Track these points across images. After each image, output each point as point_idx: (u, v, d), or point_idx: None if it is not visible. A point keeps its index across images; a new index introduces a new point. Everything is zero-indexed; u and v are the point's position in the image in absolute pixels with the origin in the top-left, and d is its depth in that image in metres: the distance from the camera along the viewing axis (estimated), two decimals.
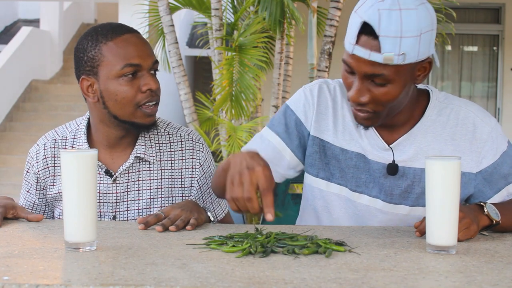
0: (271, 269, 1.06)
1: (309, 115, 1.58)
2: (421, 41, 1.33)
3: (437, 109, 1.52)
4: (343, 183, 1.55)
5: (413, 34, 1.32)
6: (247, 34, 4.25)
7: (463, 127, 1.51)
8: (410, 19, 1.31)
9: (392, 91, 1.38)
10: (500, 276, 1.04)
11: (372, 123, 1.47)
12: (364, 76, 1.38)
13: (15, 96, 10.12)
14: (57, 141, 1.69)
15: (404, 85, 1.39)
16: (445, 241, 1.21)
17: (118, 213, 1.64)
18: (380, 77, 1.36)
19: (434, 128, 1.51)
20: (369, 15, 1.33)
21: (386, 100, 1.40)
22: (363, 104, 1.41)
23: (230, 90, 4.26)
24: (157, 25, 4.96)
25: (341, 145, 1.55)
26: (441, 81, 8.92)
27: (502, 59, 8.62)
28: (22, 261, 1.10)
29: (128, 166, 1.62)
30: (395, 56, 1.33)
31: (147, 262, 1.09)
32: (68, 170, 1.20)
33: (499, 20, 8.67)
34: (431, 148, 1.50)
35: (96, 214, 1.24)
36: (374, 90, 1.39)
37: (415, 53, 1.34)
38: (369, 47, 1.34)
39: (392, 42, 1.32)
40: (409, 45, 1.32)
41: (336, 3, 4.31)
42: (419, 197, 1.52)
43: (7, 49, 10.20)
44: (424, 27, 1.33)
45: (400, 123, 1.51)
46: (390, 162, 1.51)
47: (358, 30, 1.34)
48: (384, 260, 1.14)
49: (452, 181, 1.23)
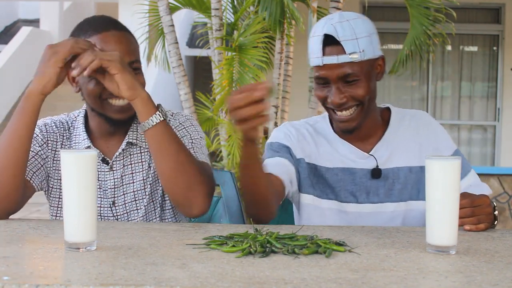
0: (271, 269, 1.06)
1: (293, 142, 1.75)
2: (372, 41, 1.62)
3: (398, 118, 1.77)
4: (333, 197, 1.72)
5: (365, 35, 1.60)
6: (247, 34, 4.25)
7: (423, 126, 1.75)
8: (358, 25, 1.60)
9: (363, 86, 1.61)
10: (500, 276, 1.04)
11: (355, 124, 1.66)
12: (337, 80, 1.61)
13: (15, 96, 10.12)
14: (57, 124, 1.73)
15: (369, 79, 1.63)
16: (445, 241, 1.21)
17: (116, 198, 1.68)
18: (350, 75, 1.60)
19: (401, 133, 1.74)
20: (326, 29, 1.60)
21: (361, 95, 1.61)
22: (343, 104, 1.62)
23: (230, 90, 4.26)
24: (157, 25, 4.96)
25: (325, 165, 1.73)
26: (441, 81, 8.92)
27: (502, 59, 8.62)
28: (22, 261, 1.11)
29: (120, 152, 1.67)
30: (358, 53, 1.59)
31: (147, 262, 1.09)
32: (68, 170, 1.20)
33: (499, 20, 8.67)
34: (402, 147, 1.72)
35: (96, 214, 1.24)
36: (348, 90, 1.62)
37: (370, 50, 1.61)
38: (335, 53, 1.59)
39: (352, 43, 1.59)
40: (365, 44, 1.60)
41: (336, 3, 4.32)
42: (401, 193, 1.71)
43: (7, 49, 10.21)
44: (370, 29, 1.62)
45: (370, 133, 1.73)
46: (374, 167, 1.71)
47: (322, 44, 1.60)
48: (384, 260, 1.14)
49: (452, 181, 1.23)
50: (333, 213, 1.71)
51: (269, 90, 1.32)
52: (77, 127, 1.71)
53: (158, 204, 1.71)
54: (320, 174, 1.73)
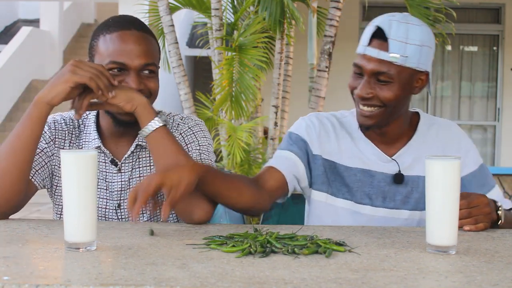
0: (271, 269, 1.06)
1: (313, 137, 1.71)
2: (422, 52, 1.56)
3: (427, 125, 1.72)
4: (349, 197, 1.69)
5: (416, 43, 1.55)
6: (247, 34, 4.25)
7: (451, 138, 1.71)
8: (415, 31, 1.55)
9: (393, 91, 1.57)
10: (500, 276, 1.04)
11: (373, 123, 1.62)
12: (371, 74, 1.57)
13: (15, 96, 10.13)
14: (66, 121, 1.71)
15: (403, 88, 1.58)
16: (445, 241, 1.22)
17: (122, 201, 1.66)
18: (384, 75, 1.56)
19: (426, 140, 1.70)
20: (381, 21, 1.57)
21: (387, 98, 1.57)
22: (368, 99, 1.59)
23: (230, 90, 4.26)
24: (157, 25, 4.95)
25: (345, 163, 1.70)
26: (441, 81, 8.92)
27: (502, 59, 8.62)
28: (22, 261, 1.11)
29: (129, 154, 1.66)
30: (400, 57, 1.54)
31: (147, 262, 1.09)
32: (68, 170, 1.20)
33: (499, 20, 8.67)
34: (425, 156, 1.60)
35: (96, 214, 1.24)
36: (377, 88, 1.58)
37: (416, 59, 1.55)
38: (379, 47, 1.56)
39: (398, 45, 1.54)
40: (412, 51, 1.54)
41: (336, 3, 4.31)
42: (418, 202, 1.66)
43: (7, 49, 10.21)
44: (426, 41, 1.56)
45: (396, 137, 1.69)
46: (397, 172, 1.67)
47: (371, 34, 1.57)
48: (384, 260, 1.14)
49: (452, 181, 1.23)
50: (346, 213, 1.68)
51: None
52: (88, 125, 1.69)
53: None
54: (338, 173, 1.70)
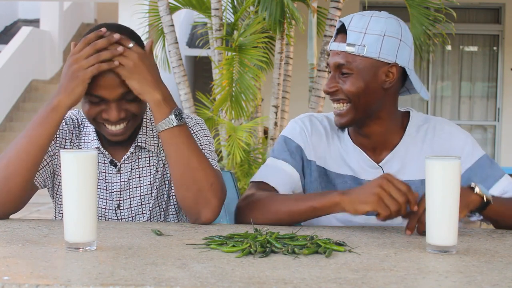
0: (271, 269, 1.06)
1: (307, 142, 1.69)
2: (384, 42, 1.54)
3: (416, 127, 1.67)
4: None
5: (376, 33, 1.54)
6: (247, 34, 4.25)
7: (440, 137, 1.65)
8: (378, 22, 1.55)
9: (354, 83, 1.56)
10: (500, 276, 1.04)
11: (346, 121, 1.60)
12: (334, 68, 1.59)
13: (15, 96, 10.13)
14: (67, 120, 1.70)
15: (365, 80, 1.56)
16: (445, 241, 1.22)
17: (122, 201, 1.67)
18: (344, 66, 1.56)
19: (415, 144, 1.65)
20: (346, 17, 1.59)
21: (349, 91, 1.56)
22: (333, 93, 1.59)
23: (230, 90, 4.26)
24: (157, 25, 4.96)
25: (336, 170, 1.67)
26: (441, 81, 8.92)
27: (502, 59, 8.62)
28: (22, 261, 1.10)
29: (129, 155, 1.66)
30: (357, 46, 1.54)
31: (147, 262, 1.09)
32: (68, 170, 1.20)
33: (499, 20, 8.67)
34: (415, 158, 1.65)
35: (97, 214, 1.24)
36: (340, 81, 1.58)
37: (375, 49, 1.54)
38: (340, 41, 1.58)
39: (355, 35, 1.55)
40: (370, 41, 1.54)
41: (336, 3, 4.31)
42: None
43: (7, 49, 10.21)
44: (389, 32, 1.54)
45: (383, 141, 1.65)
46: None
47: (336, 31, 1.61)
48: (384, 260, 1.14)
49: (452, 181, 1.23)
50: (338, 222, 1.64)
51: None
52: (88, 125, 1.69)
53: (163, 208, 1.70)
54: (330, 179, 1.67)
